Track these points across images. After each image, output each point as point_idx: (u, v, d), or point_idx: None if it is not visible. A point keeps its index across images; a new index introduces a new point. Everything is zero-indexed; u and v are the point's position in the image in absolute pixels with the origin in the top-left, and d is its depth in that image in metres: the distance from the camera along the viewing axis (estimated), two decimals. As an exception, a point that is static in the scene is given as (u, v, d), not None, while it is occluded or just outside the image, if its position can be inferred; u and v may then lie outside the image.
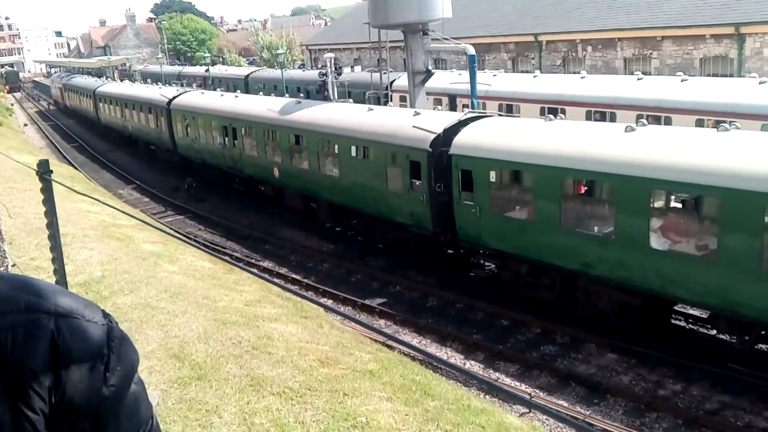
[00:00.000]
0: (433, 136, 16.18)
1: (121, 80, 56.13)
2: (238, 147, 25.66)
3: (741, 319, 11.25)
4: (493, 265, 16.60)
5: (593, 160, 12.65)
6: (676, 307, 13.42)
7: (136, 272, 11.06)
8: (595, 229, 13.19)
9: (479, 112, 18.78)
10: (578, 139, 13.48)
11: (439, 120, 16.98)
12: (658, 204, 12.10)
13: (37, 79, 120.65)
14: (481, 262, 17.24)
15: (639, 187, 11.89)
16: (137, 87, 42.56)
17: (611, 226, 12.65)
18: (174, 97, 31.46)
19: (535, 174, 13.83)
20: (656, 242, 11.92)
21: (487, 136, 15.43)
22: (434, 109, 23.73)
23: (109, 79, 57.18)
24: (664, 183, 11.72)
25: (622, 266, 12.45)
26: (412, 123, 17.07)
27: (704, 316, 12.99)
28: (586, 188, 13.83)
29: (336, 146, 19.98)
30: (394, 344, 12.08)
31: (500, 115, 18.96)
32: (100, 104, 45.35)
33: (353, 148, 19.20)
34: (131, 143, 40.85)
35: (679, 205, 12.39)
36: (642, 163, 11.89)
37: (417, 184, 16.86)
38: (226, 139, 26.33)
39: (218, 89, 34.49)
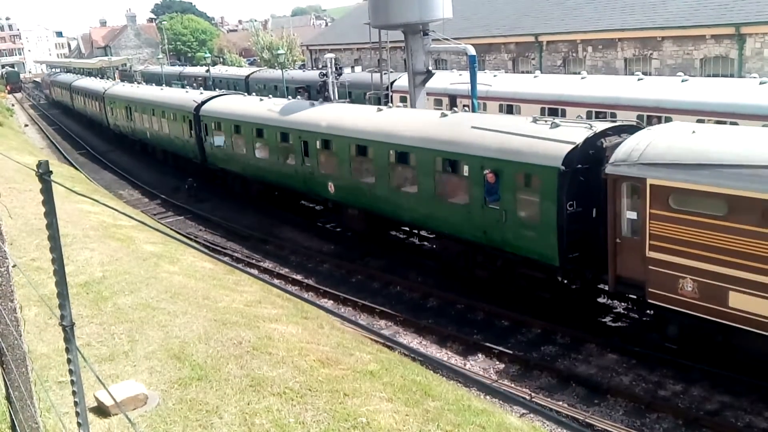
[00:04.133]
0: (195, 104, 28.74)
1: (122, 80, 57.52)
2: (133, 120, 38.28)
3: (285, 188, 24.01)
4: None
5: (239, 114, 25.52)
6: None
7: (136, 273, 11.06)
8: (244, 150, 25.18)
9: (225, 92, 32.42)
10: (249, 107, 25.50)
11: (202, 96, 29.86)
12: (257, 135, 24.19)
13: (37, 79, 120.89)
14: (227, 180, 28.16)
15: (246, 127, 24.74)
16: (95, 81, 55.94)
17: (245, 149, 24.97)
18: (107, 89, 44.73)
19: (224, 123, 26.51)
20: (258, 154, 24.28)
21: (214, 106, 27.93)
22: (434, 109, 23.81)
23: (109, 79, 59.11)
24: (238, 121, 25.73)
25: (249, 168, 25.10)
26: (192, 98, 29.93)
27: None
28: (238, 130, 25.52)
29: (163, 113, 32.85)
30: (394, 345, 12.08)
31: (245, 95, 29.66)
32: (74, 95, 58.42)
33: (171, 114, 31.85)
34: (91, 125, 52.77)
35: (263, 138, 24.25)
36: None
37: (192, 133, 29.28)
38: (128, 115, 38.87)
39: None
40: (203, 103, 28.32)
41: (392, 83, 28.82)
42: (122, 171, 36.36)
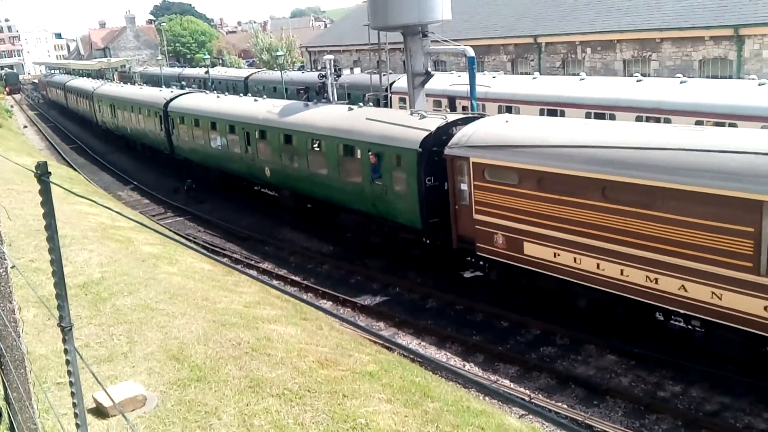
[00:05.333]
0: (164, 101, 32.19)
1: (122, 82, 58.05)
2: (116, 116, 41.81)
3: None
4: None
5: (199, 110, 29.07)
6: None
7: (135, 274, 11.05)
8: (202, 141, 28.65)
9: (191, 90, 36.23)
10: (207, 103, 29.27)
11: (168, 94, 33.46)
12: (211, 128, 27.72)
13: (35, 80, 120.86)
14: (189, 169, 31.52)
15: (204, 121, 28.37)
16: (86, 81, 59.89)
17: (203, 140, 28.51)
18: (96, 88, 48.11)
19: (186, 118, 29.82)
20: (213, 144, 27.70)
21: (180, 103, 31.23)
22: (434, 110, 23.89)
23: (108, 80, 59.66)
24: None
25: (207, 156, 28.73)
26: (162, 96, 33.53)
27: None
28: (197, 123, 28.75)
29: (140, 109, 36.17)
30: (393, 346, 12.07)
31: (206, 93, 33.32)
32: (68, 95, 62.02)
33: (146, 110, 35.07)
34: (83, 122, 55.86)
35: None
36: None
37: (162, 127, 32.65)
38: (112, 112, 42.58)
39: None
40: (171, 100, 31.76)
41: (391, 85, 28.82)
42: (121, 172, 36.34)
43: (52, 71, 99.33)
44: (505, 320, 14.76)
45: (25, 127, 62.47)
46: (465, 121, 16.37)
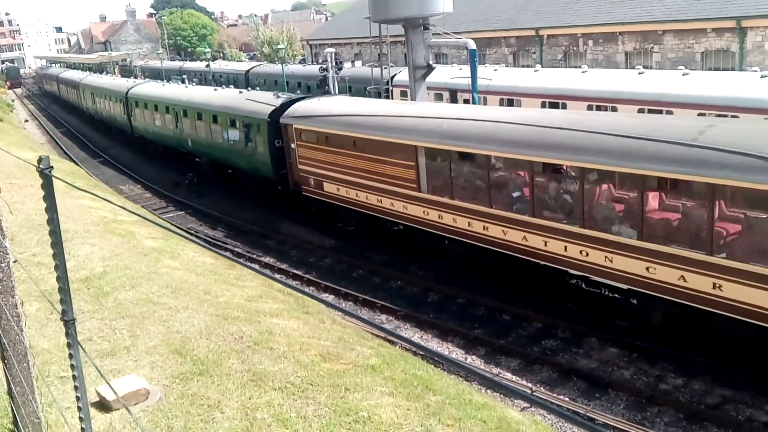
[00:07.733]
0: (126, 89, 38.71)
1: (122, 76, 58.22)
2: (96, 104, 47.87)
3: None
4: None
5: (148, 95, 35.86)
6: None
7: (137, 268, 11.05)
8: (151, 121, 35.07)
9: (148, 80, 43.64)
10: (155, 90, 36.07)
11: (129, 83, 40.49)
12: (155, 110, 34.42)
13: (34, 74, 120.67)
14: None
15: (150, 104, 35.03)
16: (74, 73, 65.25)
17: (152, 120, 34.83)
18: (81, 79, 54.18)
19: (139, 102, 36.30)
20: (157, 122, 34.05)
21: (136, 90, 37.62)
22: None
23: (109, 74, 59.91)
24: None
25: (155, 134, 35.25)
26: (125, 85, 40.40)
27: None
28: (146, 106, 35.40)
29: (111, 97, 42.40)
30: (395, 339, 12.08)
31: (156, 82, 40.14)
32: (60, 86, 67.93)
33: (114, 98, 41.27)
34: (73, 109, 60.84)
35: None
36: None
37: (124, 111, 38.99)
38: (93, 100, 48.44)
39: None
40: (131, 88, 38.76)
41: (392, 77, 28.76)
42: (122, 166, 36.37)
43: (52, 65, 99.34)
44: (507, 313, 14.77)
45: (26, 121, 62.41)
46: (298, 100, 22.21)
